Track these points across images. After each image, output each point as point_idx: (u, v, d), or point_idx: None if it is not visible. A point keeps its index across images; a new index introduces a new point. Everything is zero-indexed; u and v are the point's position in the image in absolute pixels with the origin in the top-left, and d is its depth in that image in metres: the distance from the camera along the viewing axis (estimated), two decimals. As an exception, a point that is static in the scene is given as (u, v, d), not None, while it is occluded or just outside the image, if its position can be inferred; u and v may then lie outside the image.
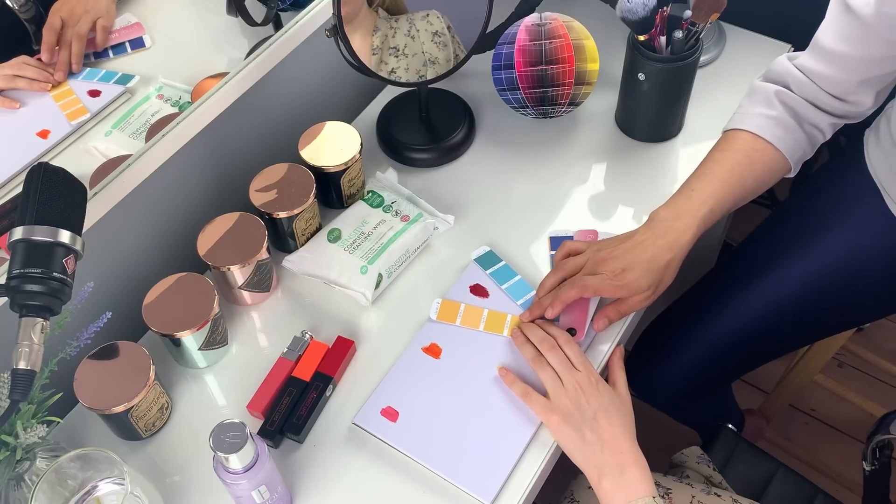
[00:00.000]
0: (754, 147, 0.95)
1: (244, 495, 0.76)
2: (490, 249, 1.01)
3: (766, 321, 1.10)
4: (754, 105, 0.97)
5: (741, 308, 1.11)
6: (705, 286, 1.20)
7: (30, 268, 0.67)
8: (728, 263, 1.19)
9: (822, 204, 1.09)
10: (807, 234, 1.08)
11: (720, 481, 1.11)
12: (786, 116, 0.95)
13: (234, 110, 1.00)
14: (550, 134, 1.14)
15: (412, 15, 1.07)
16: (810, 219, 1.09)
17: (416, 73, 1.07)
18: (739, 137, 0.96)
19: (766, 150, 0.95)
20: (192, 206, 1.04)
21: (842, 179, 1.09)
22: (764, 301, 1.09)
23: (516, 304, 0.96)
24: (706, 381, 1.19)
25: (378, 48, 1.04)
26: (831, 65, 0.91)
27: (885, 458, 1.06)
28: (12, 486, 0.78)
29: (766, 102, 0.96)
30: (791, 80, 0.95)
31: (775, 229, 1.13)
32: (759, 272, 1.10)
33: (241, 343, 0.97)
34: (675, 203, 0.94)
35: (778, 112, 0.95)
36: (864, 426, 1.51)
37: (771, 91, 0.96)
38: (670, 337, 1.17)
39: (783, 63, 0.97)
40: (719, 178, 0.94)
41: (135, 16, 0.90)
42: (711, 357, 1.14)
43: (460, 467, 0.84)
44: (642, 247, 0.91)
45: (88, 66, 0.88)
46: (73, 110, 0.86)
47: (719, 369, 1.18)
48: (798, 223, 1.11)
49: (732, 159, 0.94)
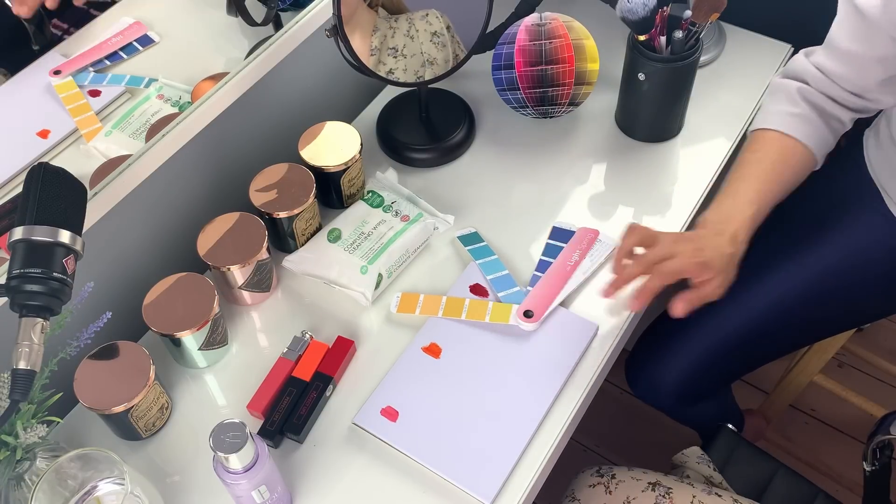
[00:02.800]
0: (784, 145, 0.96)
1: (244, 495, 0.76)
2: (475, 231, 1.03)
3: (767, 322, 1.10)
4: (778, 103, 0.97)
5: (742, 309, 1.11)
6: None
7: (30, 268, 0.67)
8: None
9: (822, 205, 1.09)
10: (807, 235, 1.08)
11: (720, 481, 1.11)
12: (809, 112, 0.96)
13: (234, 110, 1.00)
14: (550, 134, 1.14)
15: (412, 15, 1.07)
16: (810, 220, 1.09)
17: (415, 73, 1.07)
18: (769, 136, 0.97)
19: (796, 146, 0.96)
20: (192, 206, 1.04)
21: (841, 181, 1.09)
22: (765, 302, 1.09)
23: (497, 294, 0.96)
24: (707, 381, 1.19)
25: (377, 48, 1.04)
26: (846, 64, 0.92)
27: (885, 458, 1.06)
28: (12, 486, 0.78)
29: (789, 100, 0.97)
30: (810, 78, 0.96)
31: (775, 231, 1.13)
32: (759, 273, 1.10)
33: (241, 343, 0.97)
34: (720, 207, 0.94)
35: (801, 109, 0.96)
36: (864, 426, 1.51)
37: (793, 88, 0.97)
38: (671, 337, 1.17)
39: (801, 61, 0.97)
40: (759, 178, 0.94)
41: (134, 17, 0.90)
42: (712, 358, 1.14)
43: (460, 467, 0.84)
44: (705, 239, 0.91)
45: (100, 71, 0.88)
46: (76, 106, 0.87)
47: (720, 370, 1.18)
48: (798, 225, 1.11)
49: (768, 158, 0.95)
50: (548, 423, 0.88)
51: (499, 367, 0.91)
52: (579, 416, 0.91)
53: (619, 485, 1.04)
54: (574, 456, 1.62)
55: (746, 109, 1.14)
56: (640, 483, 1.04)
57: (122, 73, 0.90)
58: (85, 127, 0.87)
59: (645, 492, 1.02)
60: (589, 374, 0.91)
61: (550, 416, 0.88)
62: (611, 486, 1.05)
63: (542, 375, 0.90)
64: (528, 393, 0.89)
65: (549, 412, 0.88)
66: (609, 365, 0.95)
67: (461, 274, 0.99)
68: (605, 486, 1.05)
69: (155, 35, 0.92)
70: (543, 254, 1.00)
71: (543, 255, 1.00)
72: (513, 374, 0.91)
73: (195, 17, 1.00)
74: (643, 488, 1.03)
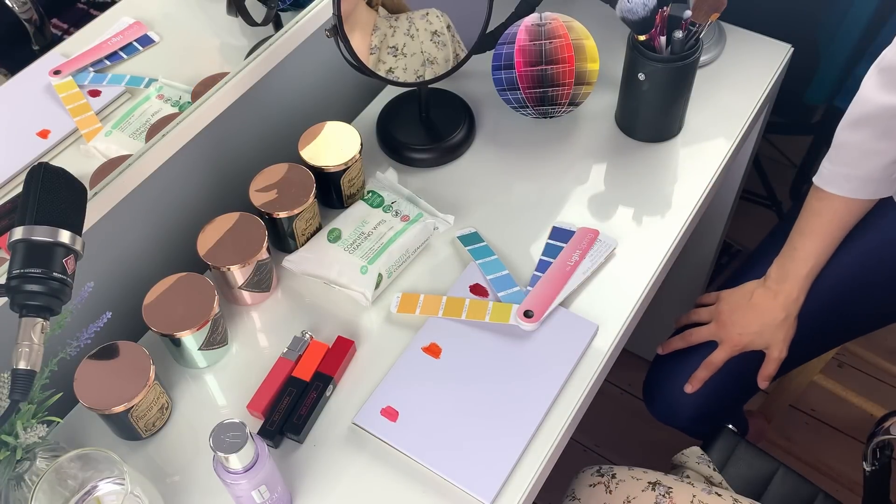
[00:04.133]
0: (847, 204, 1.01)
1: (244, 495, 0.76)
2: (475, 231, 1.03)
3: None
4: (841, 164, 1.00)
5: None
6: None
7: (30, 268, 0.67)
8: (741, 274, 1.18)
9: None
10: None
11: (720, 481, 1.11)
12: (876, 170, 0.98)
13: (234, 110, 1.00)
14: (550, 134, 1.14)
15: (412, 14, 1.07)
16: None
17: (415, 73, 1.07)
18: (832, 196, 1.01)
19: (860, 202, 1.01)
20: (192, 206, 1.04)
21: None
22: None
23: (497, 294, 0.96)
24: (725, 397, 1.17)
25: (376, 47, 1.04)
26: None
27: (885, 458, 1.06)
28: (12, 486, 0.78)
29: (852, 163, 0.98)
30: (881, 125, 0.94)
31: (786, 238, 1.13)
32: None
33: (241, 343, 0.97)
34: (782, 263, 1.06)
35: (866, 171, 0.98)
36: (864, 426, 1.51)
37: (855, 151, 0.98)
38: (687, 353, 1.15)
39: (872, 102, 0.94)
40: (818, 234, 1.03)
41: (134, 17, 0.90)
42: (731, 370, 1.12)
43: (460, 467, 0.84)
44: (758, 311, 1.07)
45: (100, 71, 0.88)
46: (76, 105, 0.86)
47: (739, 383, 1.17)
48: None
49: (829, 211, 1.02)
50: (548, 423, 0.88)
51: (499, 367, 0.91)
52: (579, 416, 0.92)
53: (619, 484, 1.04)
54: (574, 456, 1.62)
55: (746, 109, 1.14)
56: (640, 483, 1.04)
57: (122, 73, 0.90)
58: (85, 127, 0.87)
59: (645, 491, 1.02)
60: (589, 374, 0.91)
61: (550, 416, 0.88)
62: (611, 486, 1.05)
63: (542, 375, 0.90)
64: (528, 393, 0.89)
65: (549, 412, 0.88)
66: (609, 365, 0.95)
67: (461, 274, 0.99)
68: (605, 485, 1.05)
69: (155, 35, 0.92)
70: (543, 254, 1.00)
71: (543, 255, 1.00)
72: (513, 374, 0.91)
73: (195, 17, 1.00)
74: (643, 488, 1.03)
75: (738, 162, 1.31)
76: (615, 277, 0.99)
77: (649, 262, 1.00)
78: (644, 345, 1.63)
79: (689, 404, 1.14)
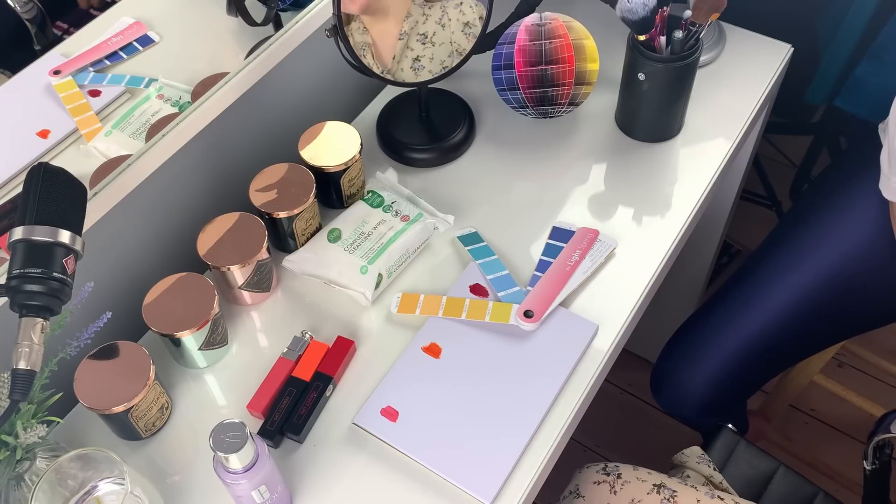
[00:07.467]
0: None
1: (244, 495, 0.76)
2: (475, 231, 1.02)
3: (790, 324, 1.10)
4: None
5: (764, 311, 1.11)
6: (726, 294, 1.19)
7: (30, 268, 0.67)
8: (747, 271, 1.18)
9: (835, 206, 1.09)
10: (823, 235, 1.09)
11: (720, 481, 1.11)
12: None
13: (234, 110, 1.00)
14: (550, 134, 1.14)
15: (446, 3, 1.06)
16: (824, 221, 1.09)
17: (440, 63, 1.06)
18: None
19: None
20: (192, 206, 1.04)
21: (850, 180, 1.09)
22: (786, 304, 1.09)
23: (497, 294, 0.96)
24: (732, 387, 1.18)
25: (405, 33, 1.03)
26: None
27: (885, 457, 1.06)
28: (12, 486, 0.78)
29: None
30: None
31: (791, 234, 1.13)
32: (778, 277, 1.10)
33: (241, 343, 0.97)
34: None
35: None
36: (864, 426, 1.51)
37: None
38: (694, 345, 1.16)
39: None
40: None
41: (134, 17, 0.90)
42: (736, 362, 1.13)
43: (460, 467, 0.84)
44: None
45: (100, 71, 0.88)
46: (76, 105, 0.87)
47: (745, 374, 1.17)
48: (813, 226, 1.11)
49: None
50: (548, 423, 0.88)
51: (499, 367, 0.91)
52: (579, 416, 0.92)
53: (624, 485, 1.04)
54: (574, 456, 1.62)
55: (746, 109, 1.14)
56: (645, 484, 1.04)
57: (122, 73, 0.90)
58: (85, 127, 0.87)
59: (650, 494, 1.02)
60: (589, 374, 0.91)
61: (550, 416, 0.88)
62: (616, 486, 1.05)
63: (542, 375, 0.90)
64: (528, 393, 0.89)
65: (549, 412, 0.88)
66: (609, 365, 0.95)
67: (461, 274, 1.00)
68: (610, 484, 1.05)
69: (155, 35, 0.92)
70: (543, 254, 1.00)
71: (543, 254, 1.00)
72: (513, 374, 0.91)
73: (195, 17, 1.00)
74: (648, 490, 1.03)
75: (738, 162, 1.31)
76: (615, 277, 0.99)
77: (649, 262, 1.00)
78: (644, 345, 1.63)
79: (698, 394, 1.15)
